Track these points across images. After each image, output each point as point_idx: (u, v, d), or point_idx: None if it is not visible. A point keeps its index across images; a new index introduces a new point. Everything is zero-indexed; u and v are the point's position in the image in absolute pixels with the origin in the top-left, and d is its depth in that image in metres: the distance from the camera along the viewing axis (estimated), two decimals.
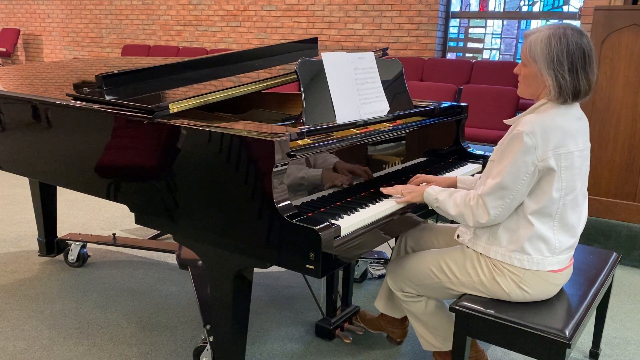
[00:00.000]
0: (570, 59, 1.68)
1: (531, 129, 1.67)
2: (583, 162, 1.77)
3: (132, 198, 2.01)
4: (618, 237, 3.42)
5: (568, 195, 1.74)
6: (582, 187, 1.80)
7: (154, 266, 3.17)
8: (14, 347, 2.30)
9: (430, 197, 1.90)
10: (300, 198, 1.78)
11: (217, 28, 8.01)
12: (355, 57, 2.21)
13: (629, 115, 3.34)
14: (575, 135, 1.73)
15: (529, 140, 1.67)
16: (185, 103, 1.94)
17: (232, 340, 1.89)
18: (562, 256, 1.79)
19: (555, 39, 1.68)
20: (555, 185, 1.71)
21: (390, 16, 6.65)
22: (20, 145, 2.48)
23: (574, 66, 1.68)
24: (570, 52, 1.67)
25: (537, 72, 1.73)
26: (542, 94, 1.77)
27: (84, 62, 3.36)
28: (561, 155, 1.69)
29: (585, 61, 1.69)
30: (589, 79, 1.71)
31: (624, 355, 2.43)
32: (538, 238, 1.75)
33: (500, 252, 1.80)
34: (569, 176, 1.72)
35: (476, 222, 1.79)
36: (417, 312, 2.05)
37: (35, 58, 10.09)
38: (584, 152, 1.76)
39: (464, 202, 1.80)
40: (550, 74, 1.70)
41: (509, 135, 1.74)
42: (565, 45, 1.67)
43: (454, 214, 1.83)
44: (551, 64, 1.69)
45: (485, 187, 1.75)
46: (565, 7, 6.02)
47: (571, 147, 1.71)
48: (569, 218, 1.77)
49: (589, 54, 1.70)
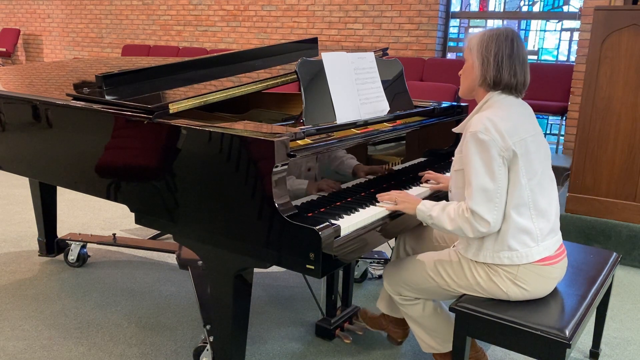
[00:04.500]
0: (498, 47, 1.77)
1: (483, 127, 1.72)
2: (539, 146, 1.81)
3: (132, 198, 2.01)
4: (618, 237, 3.42)
5: (532, 180, 1.77)
6: (545, 170, 1.83)
7: (154, 266, 3.17)
8: (14, 347, 2.30)
9: (424, 214, 1.84)
10: (300, 198, 1.78)
11: (217, 28, 8.01)
12: (355, 57, 2.21)
13: (629, 115, 3.34)
14: (523, 122, 1.79)
15: (485, 137, 1.70)
16: (185, 103, 1.94)
17: (232, 340, 1.89)
18: (546, 242, 1.81)
19: (491, 32, 1.81)
20: (522, 172, 1.74)
21: (390, 16, 6.64)
22: (20, 145, 2.48)
23: (500, 52, 1.77)
24: (499, 41, 1.78)
25: (472, 61, 1.83)
26: (479, 90, 1.84)
27: (84, 62, 3.36)
28: (516, 143, 1.73)
29: (512, 51, 1.78)
30: (515, 71, 1.78)
31: (624, 355, 2.43)
32: (520, 231, 1.76)
33: (489, 254, 1.81)
34: (527, 162, 1.75)
35: (477, 232, 1.74)
36: (415, 315, 2.05)
37: (35, 58, 10.09)
38: (536, 137, 1.81)
39: (459, 214, 1.75)
40: (479, 58, 1.79)
41: (464, 140, 1.78)
42: (496, 36, 1.79)
43: (452, 229, 1.78)
44: (481, 48, 1.79)
45: (471, 198, 1.73)
46: (565, 7, 6.01)
47: (522, 134, 1.76)
48: (540, 202, 1.79)
49: (518, 50, 1.79)
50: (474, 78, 1.83)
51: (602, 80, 3.37)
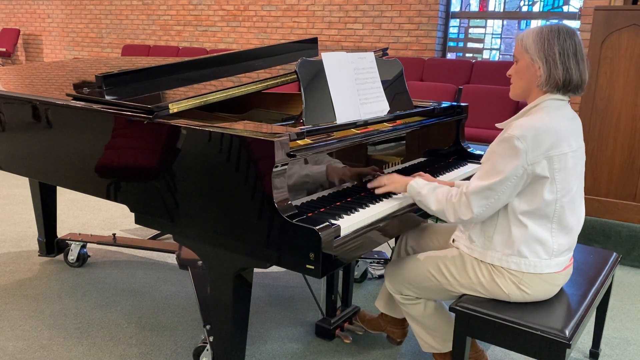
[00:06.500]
0: (562, 45, 1.69)
1: (522, 133, 1.66)
2: (577, 162, 1.76)
3: (132, 198, 2.01)
4: (618, 237, 3.42)
5: (565, 197, 1.73)
6: (578, 188, 1.79)
7: (154, 266, 3.17)
8: (14, 347, 2.30)
9: (414, 190, 1.91)
10: (300, 198, 1.78)
11: (217, 28, 8.01)
12: (355, 57, 2.21)
13: (629, 115, 3.34)
14: (568, 136, 1.72)
15: (520, 145, 1.66)
16: (185, 103, 1.94)
17: (232, 340, 1.89)
18: (560, 258, 1.79)
19: (547, 29, 1.72)
20: (548, 187, 1.70)
21: (390, 16, 6.64)
22: (20, 145, 2.48)
23: (564, 51, 1.69)
24: (561, 40, 1.70)
25: (529, 61, 1.74)
26: (534, 90, 1.77)
27: (84, 62, 3.36)
28: (554, 158, 1.68)
29: (576, 49, 1.70)
30: (580, 70, 1.71)
31: (624, 355, 2.43)
32: (534, 240, 1.74)
33: (497, 256, 1.79)
34: (564, 177, 1.71)
35: (458, 219, 1.79)
36: (416, 314, 2.05)
37: (35, 58, 10.09)
38: (577, 152, 1.75)
39: (446, 198, 1.81)
40: (541, 58, 1.71)
41: (500, 138, 1.74)
42: (557, 33, 1.70)
43: (435, 209, 1.84)
44: (542, 48, 1.70)
45: (472, 186, 1.75)
46: (565, 7, 6.01)
47: (564, 149, 1.70)
48: (568, 219, 1.76)
49: (579, 47, 1.72)
50: (531, 79, 1.75)
51: (602, 80, 3.37)
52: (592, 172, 3.49)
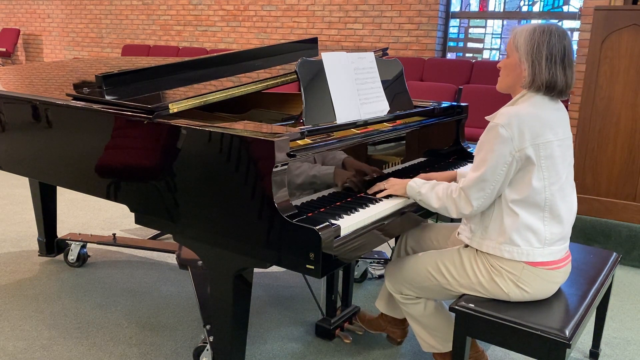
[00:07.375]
0: (550, 50, 1.72)
1: (507, 121, 1.70)
2: (565, 151, 1.79)
3: (132, 198, 2.01)
4: (618, 237, 3.42)
5: (554, 185, 1.75)
6: (567, 177, 1.82)
7: (154, 266, 3.17)
8: (14, 347, 2.30)
9: (413, 190, 1.93)
10: (300, 198, 1.78)
11: (217, 28, 8.01)
12: (355, 57, 2.21)
13: (629, 115, 3.34)
14: (554, 125, 1.75)
15: (505, 132, 1.70)
16: (185, 103, 1.94)
17: (232, 340, 1.89)
18: (553, 247, 1.80)
19: (540, 30, 1.74)
20: (536, 175, 1.73)
21: (390, 16, 6.64)
22: (20, 145, 2.48)
23: (552, 56, 1.72)
24: (550, 45, 1.72)
25: (517, 60, 1.77)
26: (518, 89, 1.81)
27: (84, 62, 3.36)
28: (540, 145, 1.71)
29: (564, 55, 1.73)
30: (566, 75, 1.74)
31: (624, 355, 2.43)
32: (526, 228, 1.76)
33: (492, 245, 1.81)
34: (551, 165, 1.74)
35: (459, 214, 1.82)
36: (416, 314, 2.05)
37: (35, 58, 10.09)
38: (564, 141, 1.78)
39: (446, 194, 1.84)
40: (528, 60, 1.74)
41: (487, 128, 1.78)
42: (548, 37, 1.72)
43: (437, 207, 1.87)
44: (530, 50, 1.73)
45: (467, 181, 1.79)
46: (565, 7, 6.01)
47: (549, 137, 1.73)
48: (559, 208, 1.78)
49: (569, 51, 1.74)
50: (517, 78, 1.79)
51: (602, 80, 3.37)
52: (592, 172, 3.49)
